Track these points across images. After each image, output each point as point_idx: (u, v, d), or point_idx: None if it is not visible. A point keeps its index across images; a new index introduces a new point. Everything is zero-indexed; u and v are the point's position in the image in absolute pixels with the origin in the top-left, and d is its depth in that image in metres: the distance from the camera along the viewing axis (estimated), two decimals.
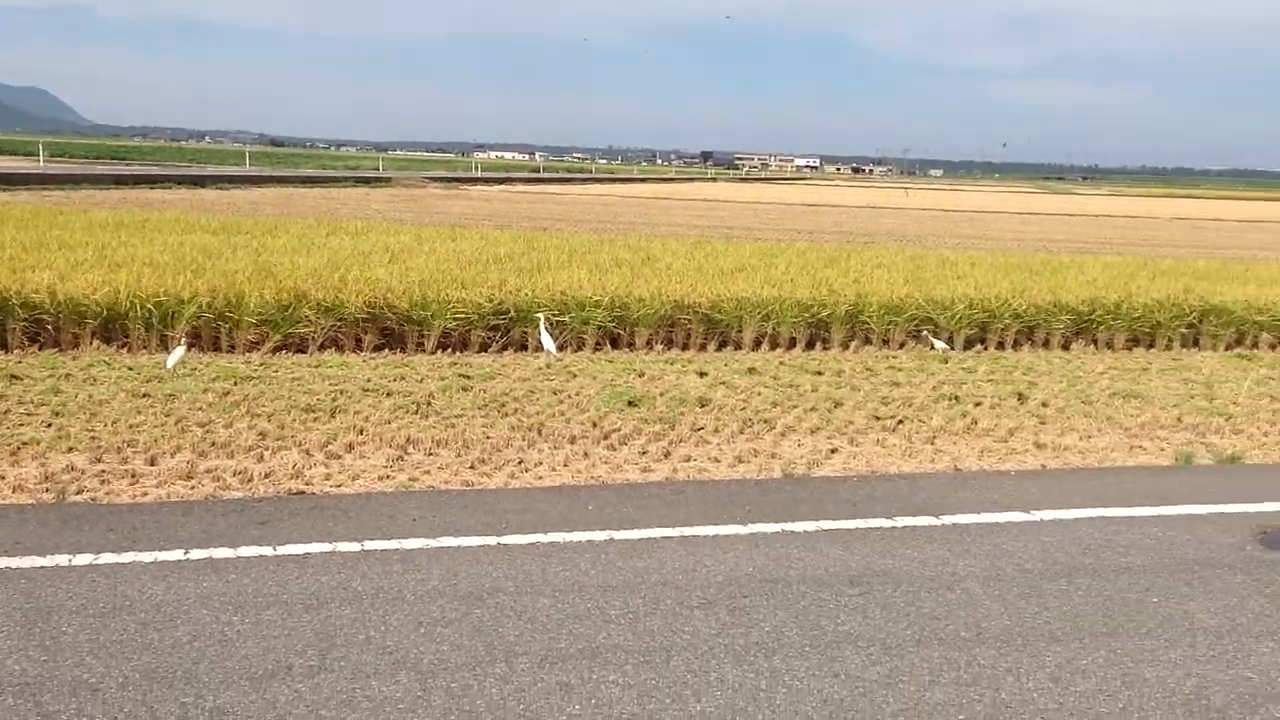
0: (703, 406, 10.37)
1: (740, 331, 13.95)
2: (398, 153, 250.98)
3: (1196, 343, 15.05)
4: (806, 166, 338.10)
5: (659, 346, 13.69)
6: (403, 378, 11.23)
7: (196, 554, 5.99)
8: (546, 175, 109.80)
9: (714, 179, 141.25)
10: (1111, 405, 11.03)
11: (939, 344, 13.74)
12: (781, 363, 12.88)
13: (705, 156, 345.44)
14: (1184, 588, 5.94)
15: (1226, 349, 14.90)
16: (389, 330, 13.06)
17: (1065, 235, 39.53)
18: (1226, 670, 4.93)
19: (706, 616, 5.37)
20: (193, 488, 7.34)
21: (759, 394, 11.02)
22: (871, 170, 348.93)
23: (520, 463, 8.40)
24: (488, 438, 8.95)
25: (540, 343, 12.79)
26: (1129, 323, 14.90)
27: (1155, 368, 13.36)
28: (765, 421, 9.86)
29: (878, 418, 10.17)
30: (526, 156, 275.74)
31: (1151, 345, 14.91)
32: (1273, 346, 15.13)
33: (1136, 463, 8.98)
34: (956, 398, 11.12)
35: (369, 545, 6.28)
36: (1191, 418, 10.56)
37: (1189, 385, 12.19)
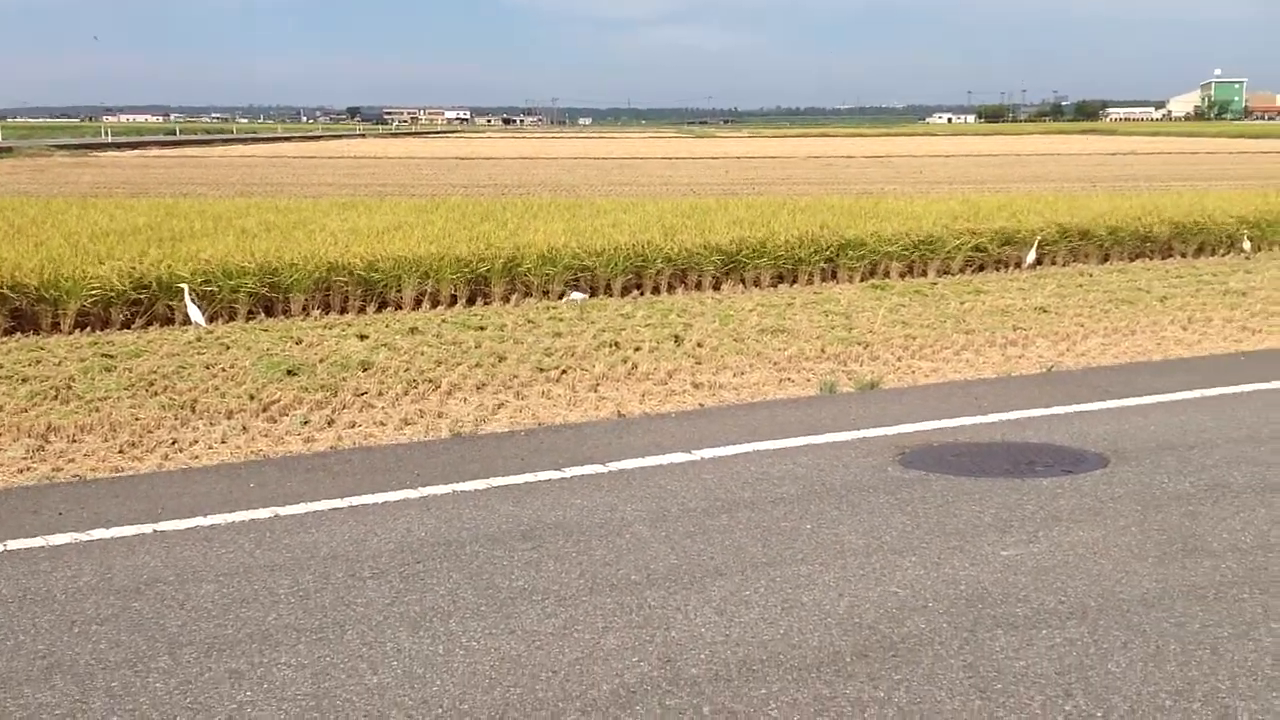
0: (365, 370, 10.18)
1: (400, 291, 13.75)
2: (17, 120, 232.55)
3: (835, 276, 15.94)
4: (457, 119, 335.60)
5: (316, 312, 13.32)
6: (39, 361, 10.47)
7: None
8: (184, 138, 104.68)
9: (363, 135, 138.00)
10: (761, 341, 11.55)
11: (577, 295, 13.96)
12: (444, 320, 12.79)
13: (353, 112, 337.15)
14: (834, 512, 6.31)
15: (862, 280, 15.86)
16: (20, 312, 12.15)
17: (711, 178, 40.99)
18: (875, 587, 5.27)
19: (380, 586, 5.29)
20: None
21: (422, 353, 10.91)
22: (522, 121, 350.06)
23: (174, 443, 8.01)
24: (137, 419, 8.48)
25: (188, 316, 12.20)
26: (774, 260, 15.61)
27: (799, 302, 14.07)
28: (430, 381, 9.77)
29: (542, 369, 10.27)
30: (161, 118, 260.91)
31: (795, 281, 15.68)
32: (903, 275, 16.20)
33: (786, 395, 9.45)
34: (617, 344, 11.36)
35: (11, 545, 5.84)
36: (834, 348, 11.19)
37: (830, 317, 12.91)
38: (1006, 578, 5.40)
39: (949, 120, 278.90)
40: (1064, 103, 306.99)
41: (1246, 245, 18.31)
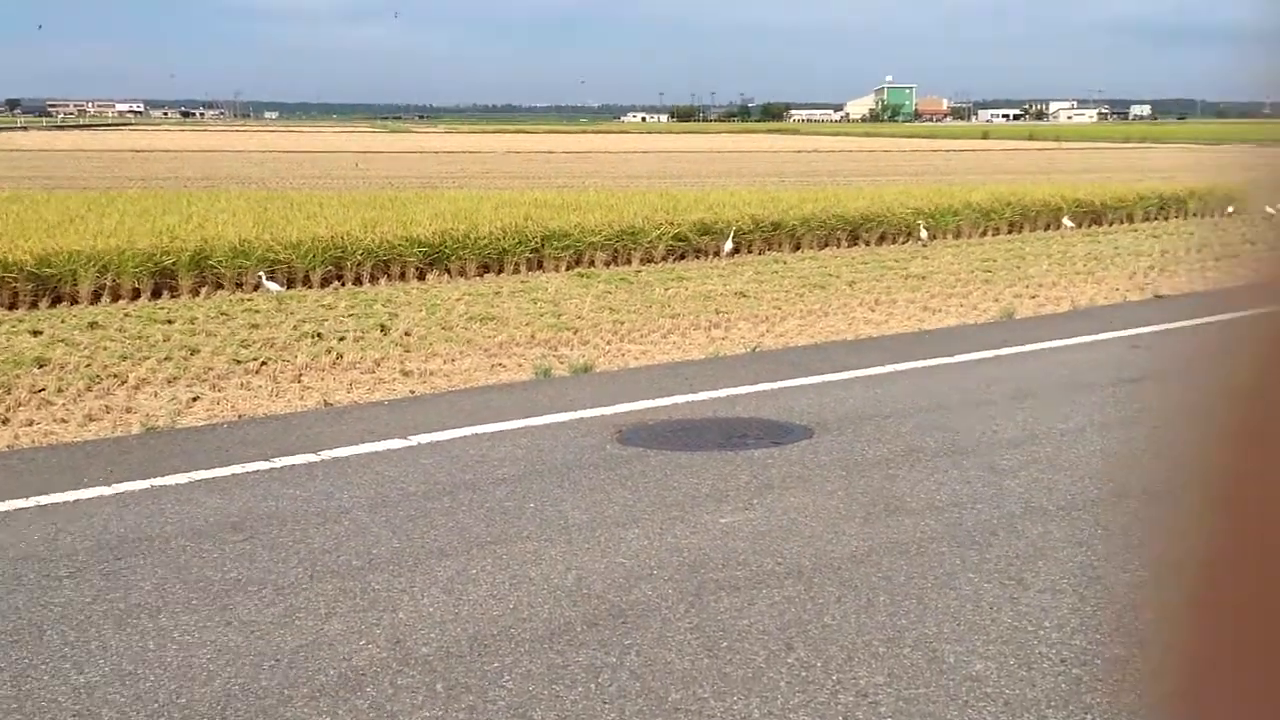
0: (41, 367, 9.50)
1: (76, 286, 12.88)
2: None
3: (541, 265, 15.97)
4: (130, 112, 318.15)
5: None
6: None
7: None
8: None
9: (25, 128, 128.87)
10: (470, 329, 11.44)
11: (272, 285, 13.47)
12: (127, 314, 12.07)
13: (13, 105, 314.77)
14: (557, 490, 6.29)
15: (568, 269, 15.96)
16: None
17: (410, 172, 40.44)
18: (601, 559, 5.28)
19: (79, 585, 4.92)
20: None
21: (105, 348, 10.26)
22: (203, 114, 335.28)
23: None
24: None
25: None
26: (479, 251, 15.49)
27: (507, 290, 14.03)
28: (115, 376, 9.20)
29: (239, 361, 9.84)
30: None
31: (501, 271, 15.63)
32: (607, 265, 16.40)
33: (500, 380, 9.39)
34: (319, 334, 11.02)
35: None
36: (544, 334, 11.20)
37: (538, 305, 12.92)
38: (726, 544, 5.52)
39: (643, 119, 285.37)
40: (751, 104, 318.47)
41: (924, 234, 19.47)
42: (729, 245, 17.25)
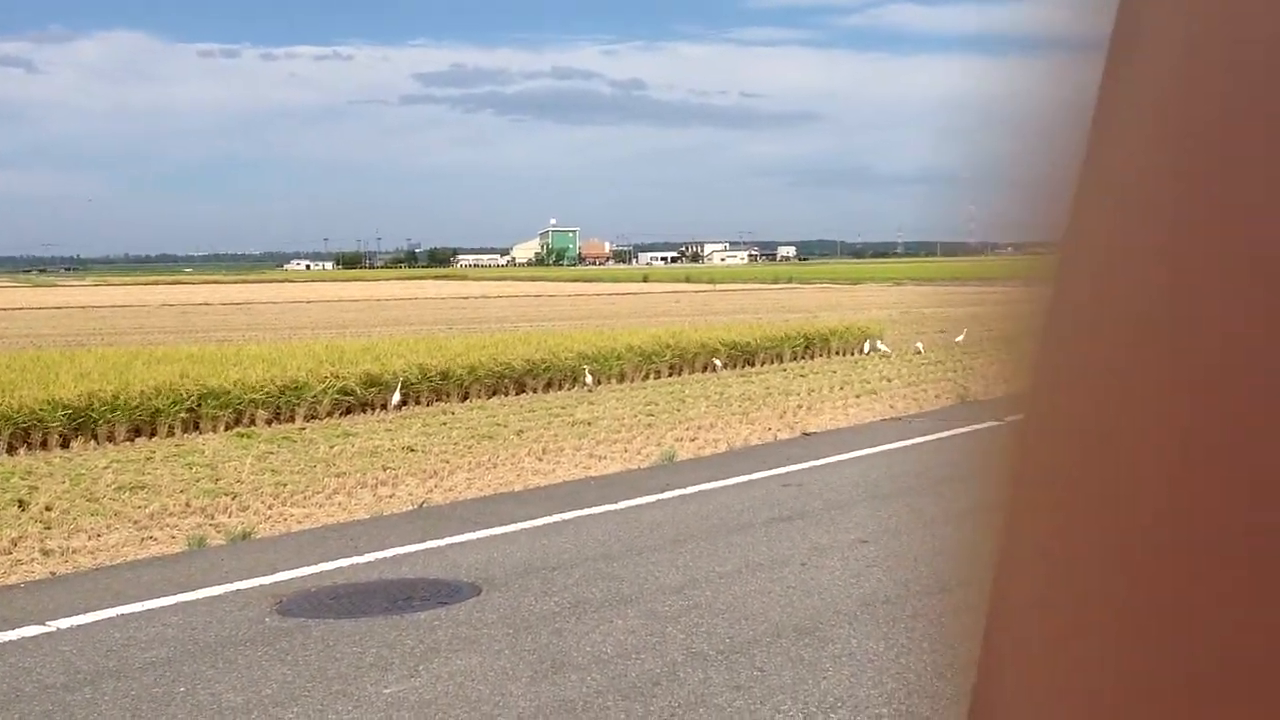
0: None
1: None
2: None
3: (198, 426, 15.37)
4: None
5: None
6: None
7: None
8: None
9: None
10: (119, 499, 10.86)
11: None
12: None
13: None
14: (210, 671, 6.01)
15: (227, 429, 15.42)
16: None
17: (53, 329, 38.32)
18: None
19: None
20: None
21: None
22: None
23: None
24: None
25: None
26: (129, 413, 14.77)
27: (160, 455, 13.41)
28: None
29: None
30: None
31: (154, 434, 14.93)
32: (269, 422, 15.95)
33: (150, 554, 8.93)
34: None
35: None
36: (200, 501, 10.75)
37: (194, 469, 12.41)
38: (389, 716, 5.40)
39: (308, 267, 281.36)
40: (418, 249, 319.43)
41: (589, 379, 19.95)
42: (396, 397, 17.14)
